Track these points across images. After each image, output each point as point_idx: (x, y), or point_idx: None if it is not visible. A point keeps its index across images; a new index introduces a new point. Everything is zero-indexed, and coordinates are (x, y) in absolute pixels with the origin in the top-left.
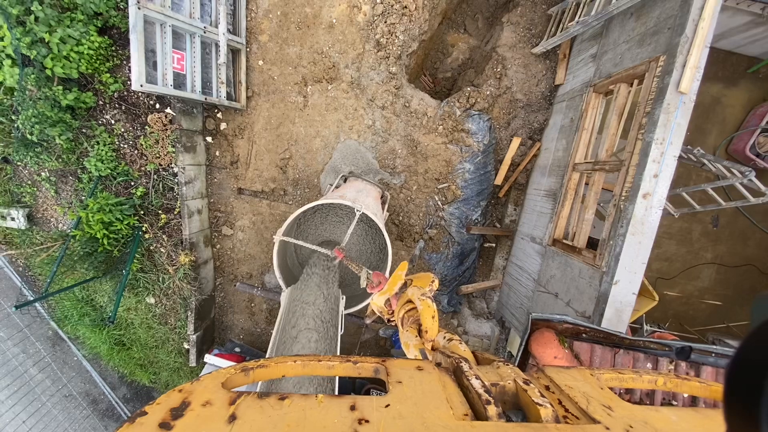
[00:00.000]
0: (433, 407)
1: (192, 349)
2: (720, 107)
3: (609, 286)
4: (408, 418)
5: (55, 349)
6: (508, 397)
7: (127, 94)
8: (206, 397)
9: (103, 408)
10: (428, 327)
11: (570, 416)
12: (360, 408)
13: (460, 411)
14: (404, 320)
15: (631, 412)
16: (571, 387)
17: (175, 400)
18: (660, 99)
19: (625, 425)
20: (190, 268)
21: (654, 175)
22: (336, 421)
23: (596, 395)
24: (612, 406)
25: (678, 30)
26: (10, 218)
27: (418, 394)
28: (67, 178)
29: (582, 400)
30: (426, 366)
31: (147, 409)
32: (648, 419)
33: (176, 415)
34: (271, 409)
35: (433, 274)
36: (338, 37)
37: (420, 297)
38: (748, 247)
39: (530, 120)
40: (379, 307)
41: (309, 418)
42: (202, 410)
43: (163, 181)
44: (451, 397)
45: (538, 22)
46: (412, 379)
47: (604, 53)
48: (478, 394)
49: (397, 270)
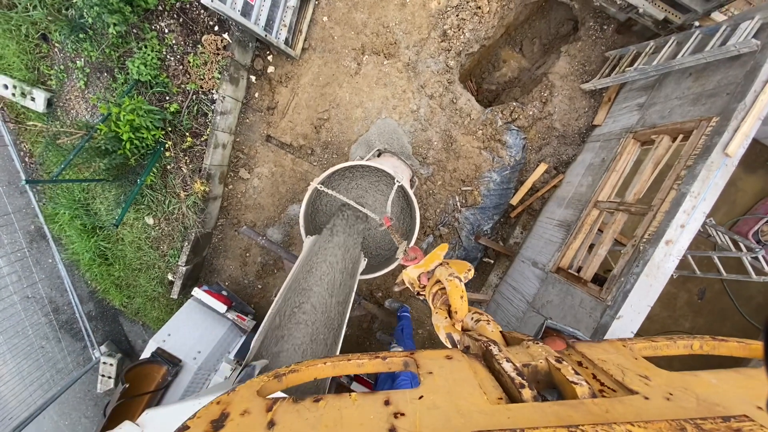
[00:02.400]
0: (467, 394)
1: (177, 281)
2: (734, 189)
3: (611, 320)
4: (442, 407)
5: (32, 245)
6: (542, 376)
7: (189, 7)
8: (244, 407)
9: (64, 319)
10: (457, 307)
11: (606, 389)
12: (394, 402)
13: (494, 395)
14: (434, 299)
15: (669, 379)
16: (604, 360)
17: (214, 413)
18: (705, 156)
19: (664, 393)
20: (201, 198)
21: (681, 225)
22: (372, 417)
23: (631, 366)
24: (649, 375)
25: (738, 97)
26: (30, 98)
27: (450, 383)
28: (102, 72)
29: (617, 372)
30: (455, 354)
31: (189, 423)
32: (688, 385)
33: (217, 426)
34: (308, 412)
35: (470, 264)
36: (407, 16)
37: (448, 277)
38: (725, 326)
39: (560, 151)
40: (410, 279)
41: (345, 416)
42: (242, 419)
43: (199, 104)
44: (483, 382)
45: (594, 60)
46: (443, 369)
47: (653, 104)
48: (510, 377)
49: (436, 249)
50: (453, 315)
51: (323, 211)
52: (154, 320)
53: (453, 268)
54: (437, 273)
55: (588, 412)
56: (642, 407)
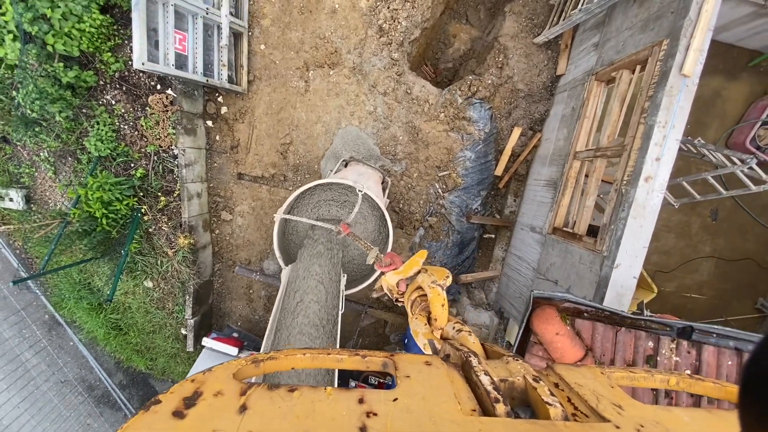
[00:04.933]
0: (441, 402)
1: (189, 334)
2: (720, 100)
3: (610, 270)
4: (416, 412)
5: (51, 333)
6: (517, 393)
7: (128, 75)
8: (218, 387)
9: (99, 394)
10: (437, 315)
11: (579, 414)
12: (368, 401)
13: (468, 406)
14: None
15: (642, 412)
16: (581, 385)
17: (187, 390)
18: (663, 82)
19: (635, 425)
20: (188, 251)
21: (656, 159)
22: (344, 413)
23: (606, 393)
24: (623, 404)
25: (681, 13)
26: (8, 199)
27: (426, 389)
28: (66, 158)
29: (592, 398)
30: (434, 361)
31: (161, 398)
32: (659, 419)
33: (189, 404)
34: (281, 401)
35: (448, 271)
36: (341, 22)
37: (430, 285)
38: (747, 241)
39: (531, 110)
40: (389, 285)
41: (318, 410)
42: (214, 400)
43: (163, 163)
44: (459, 392)
45: (541, 12)
46: (421, 374)
47: (607, 41)
48: (486, 390)
49: (416, 255)
50: (432, 322)
51: (297, 237)
52: (180, 375)
53: (434, 275)
54: (419, 280)
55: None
56: None
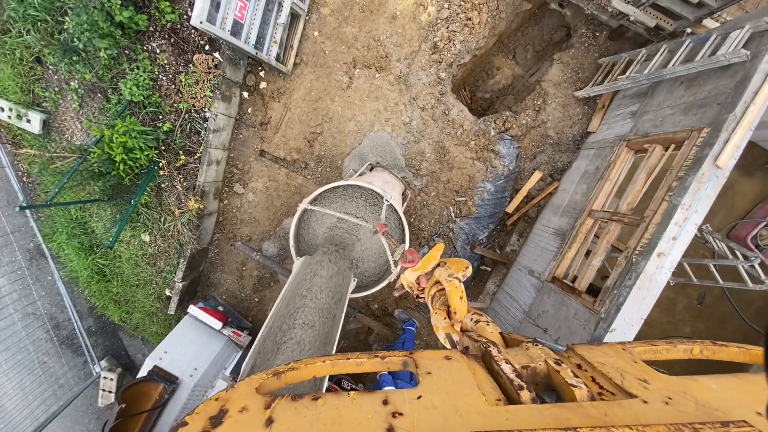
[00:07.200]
0: (465, 395)
1: (174, 297)
2: (731, 192)
3: (604, 333)
4: (441, 407)
5: (32, 263)
6: (540, 378)
7: (179, 28)
8: (242, 403)
9: (64, 335)
10: (456, 308)
11: (605, 393)
12: (392, 402)
13: (492, 397)
14: (434, 300)
15: (669, 384)
16: (603, 363)
17: (212, 409)
18: (695, 168)
19: (663, 397)
20: (195, 215)
21: (673, 238)
22: (370, 416)
23: (630, 369)
24: (648, 378)
25: (728, 107)
26: (26, 119)
27: (448, 384)
28: (95, 93)
29: (616, 376)
30: (454, 355)
31: (187, 419)
32: (687, 389)
33: (216, 422)
34: (306, 410)
35: (468, 262)
36: (398, 29)
37: (447, 278)
38: (725, 330)
39: (555, 158)
40: (409, 282)
41: (344, 415)
42: (240, 416)
43: (191, 123)
44: (482, 383)
45: (587, 67)
46: (441, 369)
47: (645, 113)
48: (509, 379)
49: (433, 250)
50: (452, 315)
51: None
52: (152, 335)
53: (451, 268)
54: (436, 274)
55: (586, 415)
56: (640, 411)
